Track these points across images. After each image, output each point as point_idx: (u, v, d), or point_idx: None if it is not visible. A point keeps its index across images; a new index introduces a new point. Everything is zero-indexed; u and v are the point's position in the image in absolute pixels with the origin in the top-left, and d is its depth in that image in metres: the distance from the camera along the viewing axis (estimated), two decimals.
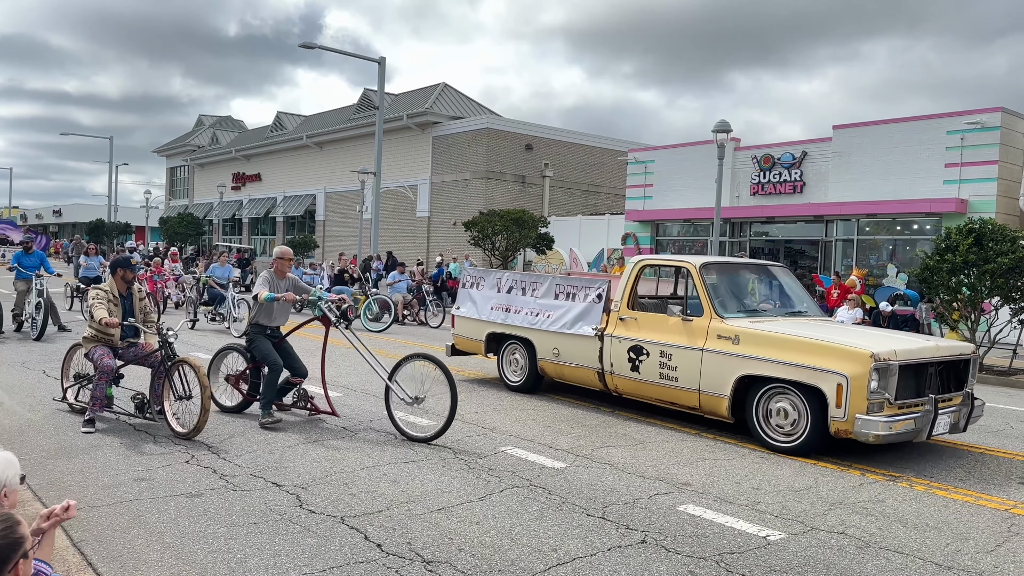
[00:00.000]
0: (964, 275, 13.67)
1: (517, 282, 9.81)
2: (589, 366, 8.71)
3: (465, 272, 10.85)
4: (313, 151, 42.63)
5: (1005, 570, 4.37)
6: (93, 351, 7.18)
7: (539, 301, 9.37)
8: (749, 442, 7.35)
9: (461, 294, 10.59)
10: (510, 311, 9.72)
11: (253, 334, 7.60)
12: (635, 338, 8.15)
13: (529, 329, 9.41)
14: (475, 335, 10.24)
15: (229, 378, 7.89)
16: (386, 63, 25.63)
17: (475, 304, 10.25)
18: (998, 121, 18.67)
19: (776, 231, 24.35)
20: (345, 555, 4.26)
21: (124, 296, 7.42)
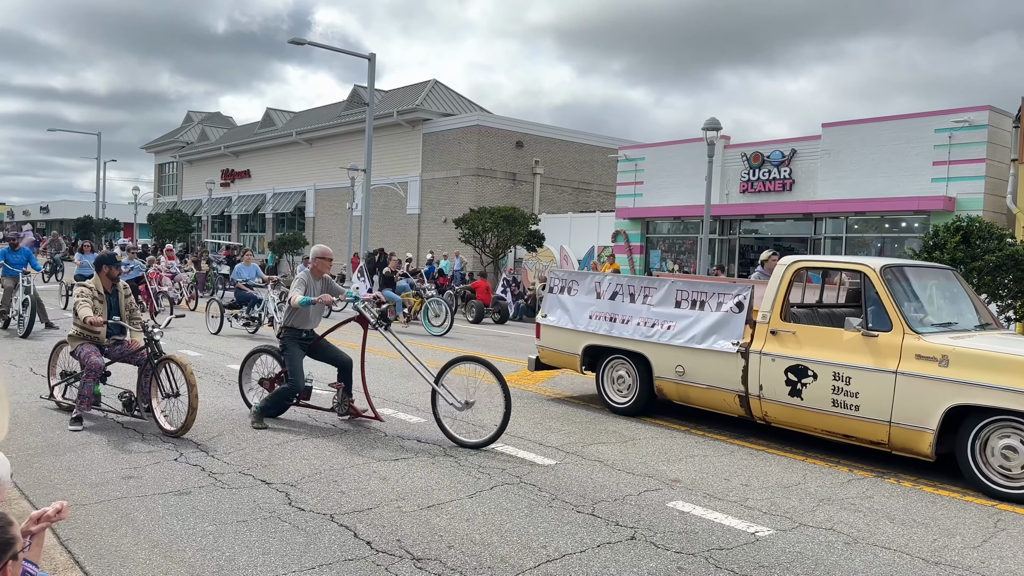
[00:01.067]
0: None
1: (623, 287, 8.48)
2: (727, 388, 7.33)
3: (553, 275, 9.41)
4: (303, 148, 42.48)
5: (991, 565, 4.40)
6: (80, 349, 7.12)
7: (655, 310, 8.08)
8: (737, 438, 7.38)
9: (549, 300, 9.31)
10: (616, 321, 8.39)
11: (287, 340, 7.36)
12: (795, 356, 6.78)
13: (643, 342, 8.09)
14: (568, 347, 8.93)
15: (263, 381, 7.65)
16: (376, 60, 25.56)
17: (567, 312, 8.95)
18: (986, 119, 18.78)
19: (765, 229, 24.43)
20: (335, 552, 4.25)
21: (109, 293, 7.37)
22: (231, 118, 59.89)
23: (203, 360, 11.06)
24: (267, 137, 44.95)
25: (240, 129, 53.06)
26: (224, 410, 7.80)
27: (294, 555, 4.21)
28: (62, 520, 2.76)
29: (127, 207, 56.98)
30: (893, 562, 4.40)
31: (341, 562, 4.13)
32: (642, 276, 8.64)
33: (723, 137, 22.13)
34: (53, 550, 4.10)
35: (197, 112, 59.19)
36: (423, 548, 4.36)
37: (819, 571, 4.23)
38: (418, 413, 7.99)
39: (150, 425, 6.95)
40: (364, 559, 4.18)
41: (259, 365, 7.88)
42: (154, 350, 6.96)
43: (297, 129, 42.26)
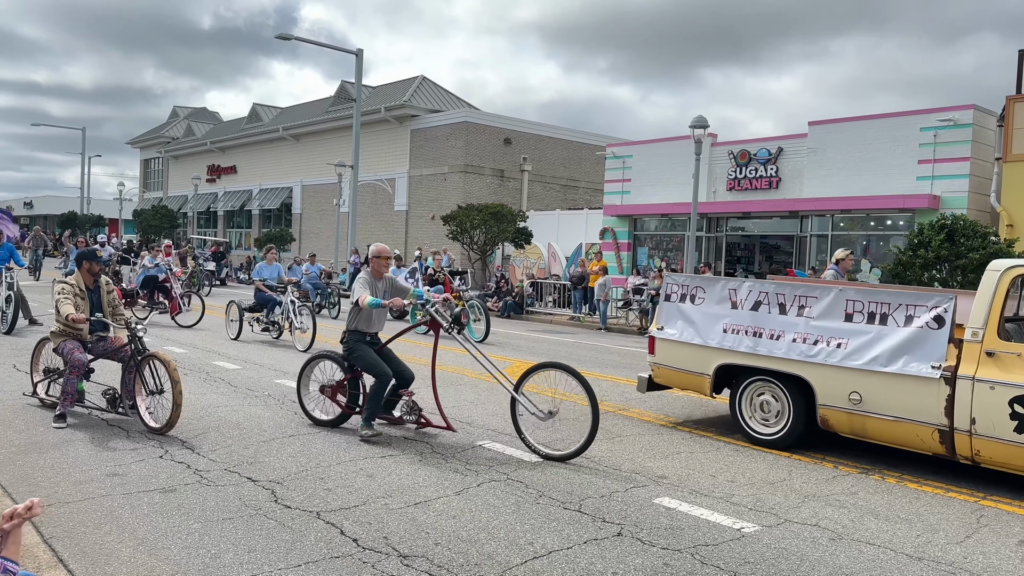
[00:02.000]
0: (936, 270, 13.87)
1: (770, 295, 7.09)
2: (921, 421, 6.09)
3: (671, 280, 8.06)
4: (289, 143, 42.28)
5: (974, 560, 4.44)
6: (63, 345, 7.04)
7: (817, 323, 6.71)
8: (724, 435, 7.41)
9: (666, 310, 7.94)
10: (761, 336, 7.04)
11: (352, 342, 6.98)
12: None
13: (802, 363, 6.71)
14: (694, 366, 7.58)
15: (324, 389, 7.20)
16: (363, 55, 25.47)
17: (692, 324, 7.63)
18: (970, 118, 18.94)
19: (752, 226, 24.54)
20: (321, 550, 4.24)
21: (91, 290, 7.28)
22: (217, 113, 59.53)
23: (188, 356, 11.00)
24: (253, 133, 44.71)
25: (226, 124, 52.76)
26: (209, 407, 7.76)
27: (280, 552, 4.19)
28: (35, 516, 2.74)
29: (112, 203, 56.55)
30: (877, 558, 4.43)
31: (327, 559, 4.12)
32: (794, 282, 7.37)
33: (710, 135, 22.20)
34: (36, 548, 4.07)
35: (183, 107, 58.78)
36: (410, 545, 4.35)
37: (804, 567, 4.26)
38: None
39: (134, 422, 6.90)
40: (350, 556, 4.17)
41: (318, 373, 7.40)
42: (138, 347, 6.88)
43: (284, 125, 42.06)
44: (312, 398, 7.36)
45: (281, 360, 11.19)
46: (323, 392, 7.23)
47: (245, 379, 9.51)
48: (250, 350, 12.20)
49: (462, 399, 8.74)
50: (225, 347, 12.39)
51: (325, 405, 7.28)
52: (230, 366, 10.47)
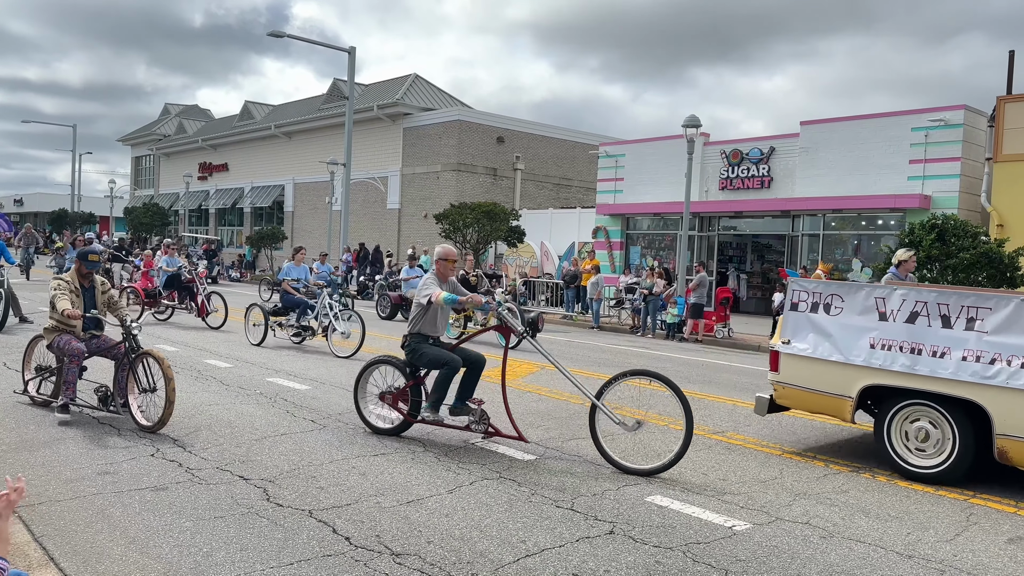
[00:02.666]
0: (927, 270, 13.95)
1: (930, 305, 6.17)
2: None
3: (798, 286, 7.05)
4: (282, 141, 42.16)
5: (963, 559, 4.47)
6: (57, 339, 7.05)
7: (992, 339, 5.79)
8: (715, 434, 7.44)
9: (793, 321, 6.94)
10: (920, 352, 6.11)
11: (415, 343, 6.69)
12: None
13: (975, 385, 5.80)
14: (831, 386, 6.60)
15: (385, 396, 6.85)
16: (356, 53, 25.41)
17: (828, 338, 6.65)
18: (961, 119, 19.04)
19: (744, 226, 24.61)
20: (313, 548, 4.24)
21: (86, 288, 7.29)
22: (209, 111, 59.31)
23: (179, 355, 10.96)
24: (245, 130, 44.57)
25: (218, 122, 52.57)
26: (201, 405, 7.74)
27: (272, 551, 4.19)
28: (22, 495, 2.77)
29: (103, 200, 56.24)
30: (868, 555, 4.46)
31: (319, 558, 4.12)
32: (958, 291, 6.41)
33: (703, 134, 22.26)
34: (27, 547, 4.05)
35: (174, 105, 58.53)
36: (402, 543, 4.35)
37: (795, 565, 4.28)
38: None
39: (126, 421, 6.88)
40: (342, 555, 4.17)
41: (378, 379, 7.04)
42: (131, 345, 6.87)
43: (276, 122, 41.95)
44: (370, 405, 7.02)
45: (273, 359, 11.17)
46: (383, 399, 6.89)
47: (237, 377, 9.48)
48: (242, 349, 12.16)
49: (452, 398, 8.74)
50: (217, 345, 12.36)
51: (385, 412, 6.94)
52: (222, 364, 10.44)
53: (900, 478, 6.13)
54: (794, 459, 6.61)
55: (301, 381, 9.38)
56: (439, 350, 6.68)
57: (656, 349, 14.81)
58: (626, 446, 6.32)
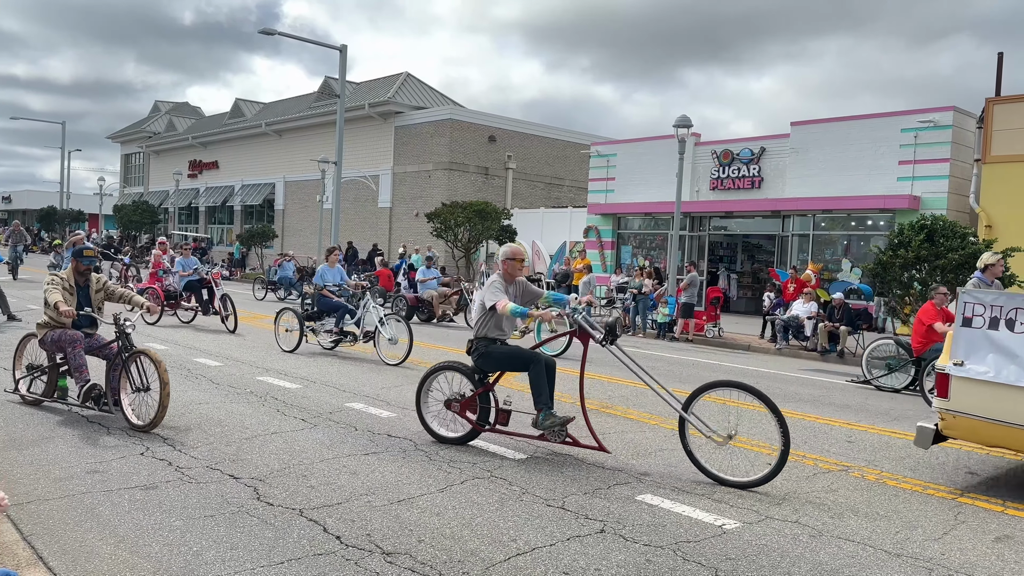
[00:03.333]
0: (916, 270, 14.03)
1: None
2: None
3: (970, 298, 6.07)
4: (272, 139, 42.03)
5: (951, 557, 4.50)
6: (49, 334, 7.04)
7: None
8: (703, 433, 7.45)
9: (966, 338, 5.97)
10: None
11: (484, 347, 6.40)
12: None
13: None
14: (1019, 417, 5.59)
15: (452, 404, 6.51)
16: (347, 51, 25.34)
17: (1015, 360, 5.66)
18: (950, 120, 19.16)
19: (735, 226, 24.69)
20: (303, 547, 4.23)
21: (81, 286, 7.25)
22: (199, 108, 59.06)
23: (169, 353, 10.91)
24: (236, 128, 44.41)
25: (208, 119, 52.37)
26: (191, 404, 7.71)
27: (263, 550, 4.18)
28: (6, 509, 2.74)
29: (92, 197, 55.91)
30: (857, 554, 4.48)
31: (310, 557, 4.11)
32: None
33: (694, 134, 22.33)
34: (16, 546, 4.03)
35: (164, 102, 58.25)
36: (393, 542, 4.35)
37: (784, 563, 4.30)
38: (389, 407, 7.96)
39: (116, 419, 6.84)
40: (333, 554, 4.16)
41: (443, 385, 6.70)
42: (125, 344, 6.82)
43: (267, 120, 41.82)
44: (434, 413, 6.70)
45: (264, 357, 11.13)
46: (449, 407, 6.54)
47: (227, 376, 9.45)
48: (232, 348, 12.12)
49: None
50: (206, 344, 12.31)
51: (450, 420, 6.63)
52: (211, 363, 10.40)
53: (889, 477, 6.16)
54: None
55: (292, 380, 9.36)
56: (514, 349, 6.36)
57: (647, 348, 14.84)
58: (714, 457, 5.97)
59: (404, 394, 8.73)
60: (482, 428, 6.45)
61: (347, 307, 11.75)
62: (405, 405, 8.07)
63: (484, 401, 6.48)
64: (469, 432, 6.52)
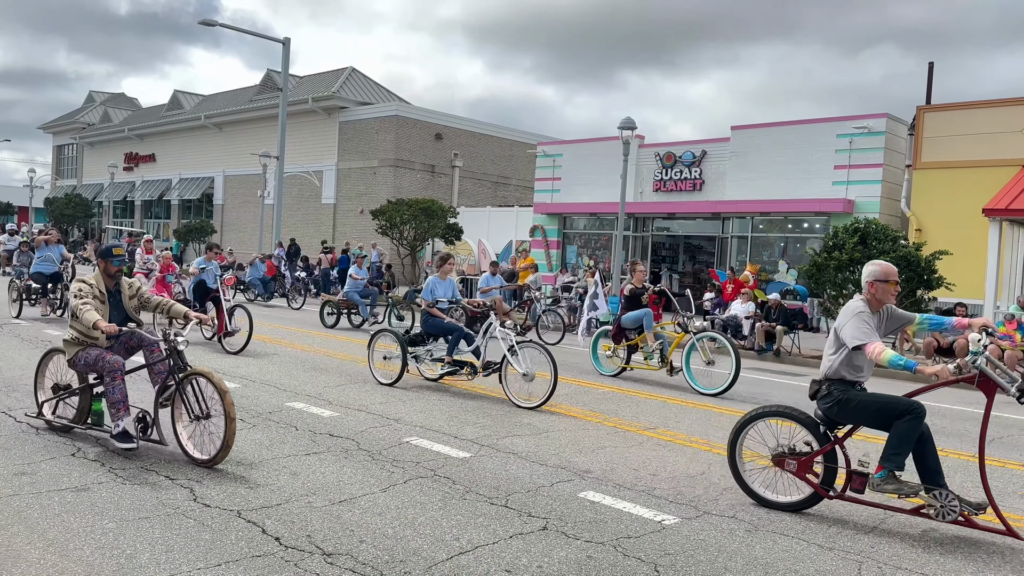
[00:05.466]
0: (850, 272, 14.47)
1: None
2: None
3: None
4: (212, 132, 41.09)
5: (880, 550, 4.67)
6: (82, 355, 5.99)
7: None
8: (646, 429, 7.58)
9: None
10: None
11: (839, 392, 5.16)
12: None
13: None
14: None
15: (784, 461, 5.33)
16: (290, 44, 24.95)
17: None
18: (883, 126, 19.82)
19: (677, 227, 25.09)
20: (241, 549, 4.16)
21: (112, 292, 6.20)
22: (136, 100, 57.39)
23: None
24: (174, 120, 43.30)
25: (145, 111, 50.92)
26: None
27: (199, 552, 4.09)
28: None
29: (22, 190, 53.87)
30: (791, 548, 4.61)
31: (248, 559, 4.04)
32: None
33: (638, 136, 22.61)
34: None
35: (99, 92, 56.45)
36: (334, 543, 4.31)
37: (721, 558, 4.40)
38: (331, 407, 7.87)
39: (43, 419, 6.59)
40: (272, 555, 4.10)
41: (764, 433, 5.58)
42: (177, 362, 5.80)
43: (206, 113, 40.86)
44: (752, 469, 5.60)
45: (200, 356, 10.88)
46: (781, 464, 5.36)
47: None
48: None
49: (392, 397, 8.69)
50: None
51: (778, 480, 5.50)
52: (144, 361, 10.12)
53: None
54: (722, 454, 6.78)
55: (230, 379, 9.17)
56: (885, 395, 5.15)
57: None
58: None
59: (346, 393, 8.65)
60: (827, 494, 5.24)
61: (463, 330, 9.30)
62: (347, 404, 7.99)
63: (831, 459, 5.27)
64: (810, 496, 5.31)
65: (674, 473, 6.10)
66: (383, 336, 9.91)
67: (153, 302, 6.37)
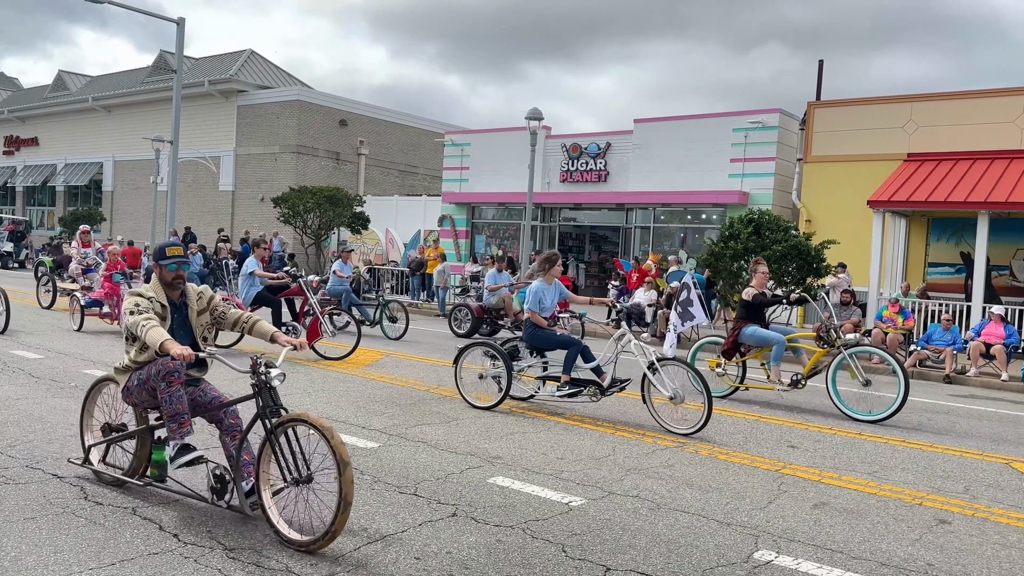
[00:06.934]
0: (745, 260, 15.06)
1: None
2: None
3: None
4: (101, 115, 38.97)
5: (775, 523, 4.90)
6: (135, 378, 4.67)
7: None
8: (554, 415, 7.69)
9: None
10: None
11: None
12: None
13: None
14: None
15: None
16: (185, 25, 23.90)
17: None
18: (776, 122, 20.68)
19: (583, 217, 25.49)
20: (138, 547, 3.99)
21: (175, 305, 4.81)
22: (16, 80, 53.80)
23: (40, 362, 9.91)
24: (59, 102, 40.80)
25: (27, 92, 47.80)
26: (7, 400, 7.06)
27: (91, 552, 3.90)
28: None
29: None
30: (691, 524, 4.78)
31: (144, 557, 3.88)
32: None
33: (545, 127, 22.82)
34: None
35: None
36: (236, 538, 4.18)
37: (626, 536, 4.51)
38: None
39: None
40: (171, 552, 3.95)
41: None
42: (269, 403, 4.36)
43: (94, 95, 38.70)
44: None
45: (90, 348, 10.35)
46: None
47: (48, 369, 8.71)
48: (55, 339, 11.18)
49: (295, 387, 8.50)
50: (22, 335, 11.28)
51: None
52: (31, 355, 9.55)
53: (721, 452, 6.60)
54: (626, 436, 6.96)
55: None
56: None
57: (501, 335, 15.06)
58: None
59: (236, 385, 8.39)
60: None
61: (580, 343, 7.87)
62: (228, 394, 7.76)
63: None
64: None
65: (580, 456, 6.22)
66: (476, 350, 8.31)
67: (231, 317, 4.94)
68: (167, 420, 4.49)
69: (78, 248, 14.80)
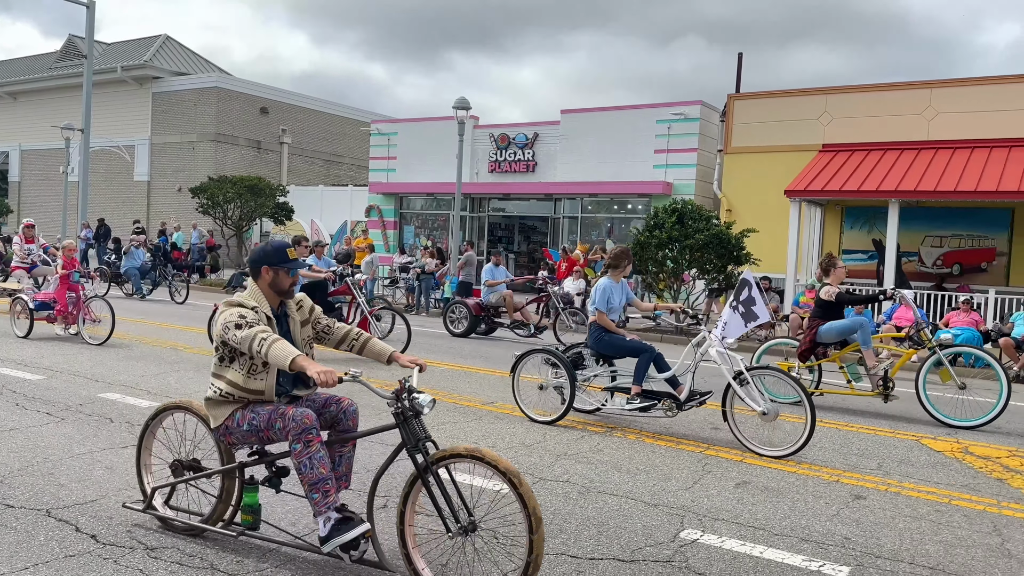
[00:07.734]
0: (669, 249, 15.38)
1: None
2: None
3: None
4: (6, 102, 37.01)
5: (700, 503, 5.03)
6: (240, 418, 3.81)
7: None
8: (486, 404, 7.70)
9: None
10: None
11: None
12: None
13: None
14: None
15: None
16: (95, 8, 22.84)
17: None
18: (698, 113, 21.15)
19: (512, 207, 25.57)
20: (52, 550, 3.82)
21: (278, 317, 3.99)
22: None
23: None
24: None
25: None
26: None
27: (3, 556, 3.71)
28: None
29: None
30: (620, 507, 4.86)
31: (60, 559, 3.72)
32: None
33: (472, 117, 22.75)
34: None
35: None
36: (158, 537, 4.05)
37: (557, 520, 4.56)
38: (149, 396, 7.38)
39: None
40: (89, 553, 3.80)
41: None
42: (415, 433, 3.68)
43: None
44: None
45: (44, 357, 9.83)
46: None
47: None
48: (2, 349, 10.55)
49: None
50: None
51: None
52: None
53: (648, 436, 6.74)
54: (556, 424, 7.02)
55: (33, 370, 8.37)
56: None
57: (431, 327, 14.99)
58: None
59: (166, 381, 8.14)
60: None
61: (654, 350, 7.15)
62: (166, 393, 7.53)
63: None
64: None
65: (511, 443, 6.26)
66: (533, 357, 7.55)
67: (338, 333, 4.15)
68: (307, 490, 3.64)
69: (20, 244, 13.33)
